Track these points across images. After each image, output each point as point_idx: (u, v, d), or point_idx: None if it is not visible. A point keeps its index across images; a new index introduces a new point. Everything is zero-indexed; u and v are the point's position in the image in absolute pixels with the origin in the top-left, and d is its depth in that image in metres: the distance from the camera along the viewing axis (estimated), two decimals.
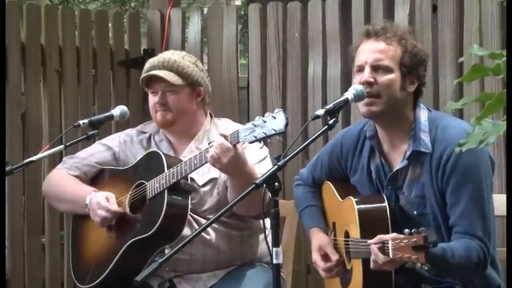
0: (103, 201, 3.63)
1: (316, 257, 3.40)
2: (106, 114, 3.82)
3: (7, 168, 3.57)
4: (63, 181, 3.85)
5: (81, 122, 3.71)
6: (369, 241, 2.98)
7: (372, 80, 3.17)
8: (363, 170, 3.34)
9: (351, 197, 3.29)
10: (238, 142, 3.27)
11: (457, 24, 4.66)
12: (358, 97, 3.14)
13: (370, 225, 3.17)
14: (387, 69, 3.18)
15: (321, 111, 3.04)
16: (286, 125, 3.06)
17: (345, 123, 4.68)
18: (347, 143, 3.43)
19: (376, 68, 3.18)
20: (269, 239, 2.93)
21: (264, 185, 2.86)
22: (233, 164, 3.35)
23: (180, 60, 3.70)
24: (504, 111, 1.79)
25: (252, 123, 3.15)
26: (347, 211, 3.29)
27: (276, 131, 3.06)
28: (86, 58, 5.03)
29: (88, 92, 5.04)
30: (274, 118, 3.08)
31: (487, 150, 3.16)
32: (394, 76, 3.18)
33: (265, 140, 3.12)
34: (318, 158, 3.58)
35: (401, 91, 3.19)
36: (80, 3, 10.35)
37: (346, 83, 4.78)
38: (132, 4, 11.00)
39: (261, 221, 3.63)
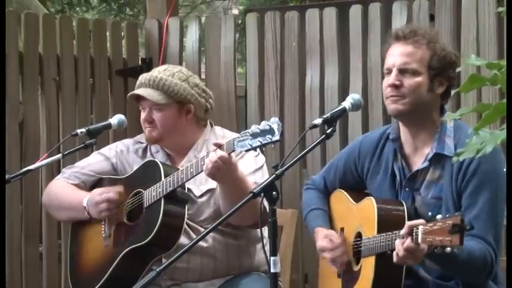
0: (100, 191, 3.67)
1: (321, 243, 3.40)
2: (104, 123, 3.83)
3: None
4: (61, 190, 3.85)
5: (79, 131, 3.72)
6: (401, 232, 2.96)
7: (398, 82, 3.21)
8: (386, 173, 3.35)
9: (370, 197, 3.31)
10: (233, 150, 3.29)
11: (454, 33, 4.67)
12: (356, 106, 3.17)
13: (387, 224, 3.17)
14: (414, 72, 3.22)
15: (318, 121, 3.06)
16: (282, 133, 3.08)
17: (343, 133, 4.68)
18: (366, 146, 3.45)
19: (403, 71, 3.22)
20: (267, 248, 2.94)
21: (262, 194, 2.87)
22: (226, 173, 3.37)
23: (167, 78, 3.69)
24: (502, 120, 1.79)
25: (248, 132, 3.17)
26: (363, 211, 3.32)
27: (271, 139, 3.09)
28: (84, 67, 5.03)
29: (86, 101, 5.04)
30: (270, 127, 3.10)
31: (504, 161, 3.18)
32: (421, 79, 3.21)
33: (260, 148, 3.15)
34: (332, 163, 3.61)
35: (428, 93, 3.22)
36: (77, 13, 10.37)
37: (343, 92, 4.78)
38: (129, 12, 11.02)
39: (259, 229, 3.63)
